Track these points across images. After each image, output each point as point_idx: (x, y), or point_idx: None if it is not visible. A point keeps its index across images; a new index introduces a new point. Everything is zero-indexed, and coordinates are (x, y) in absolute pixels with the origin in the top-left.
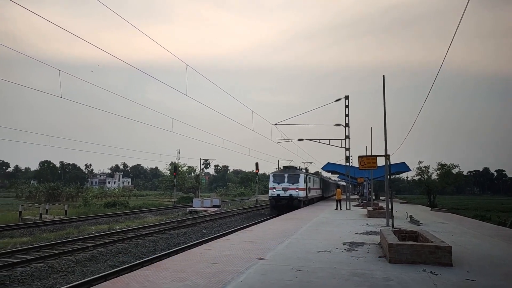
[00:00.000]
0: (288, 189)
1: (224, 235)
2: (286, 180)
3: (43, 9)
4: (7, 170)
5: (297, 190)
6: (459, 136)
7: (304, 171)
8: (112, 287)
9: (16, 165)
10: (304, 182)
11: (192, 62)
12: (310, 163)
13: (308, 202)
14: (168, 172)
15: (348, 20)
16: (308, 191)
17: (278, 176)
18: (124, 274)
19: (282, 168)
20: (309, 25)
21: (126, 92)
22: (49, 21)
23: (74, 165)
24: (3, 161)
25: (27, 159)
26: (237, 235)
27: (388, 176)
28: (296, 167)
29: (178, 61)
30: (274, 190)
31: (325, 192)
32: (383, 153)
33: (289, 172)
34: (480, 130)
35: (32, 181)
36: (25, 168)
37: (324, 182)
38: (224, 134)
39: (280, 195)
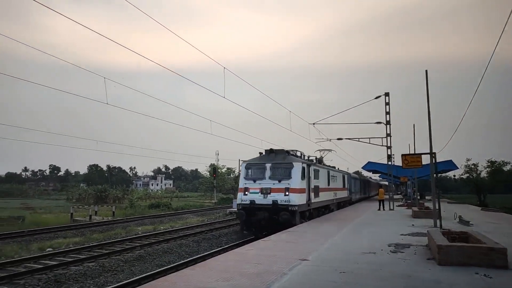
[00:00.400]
0: (270, 191)
1: (265, 235)
2: (268, 174)
3: (87, 17)
4: (58, 174)
5: (286, 193)
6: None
7: (308, 158)
8: (160, 286)
9: (67, 169)
10: (304, 178)
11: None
12: (330, 150)
13: (314, 212)
14: (208, 173)
15: (384, 15)
16: (314, 194)
17: (255, 167)
18: (170, 273)
19: (264, 153)
20: (344, 22)
21: (165, 96)
22: (93, 30)
23: (119, 168)
24: (55, 165)
25: (77, 163)
26: (278, 236)
27: (435, 175)
28: (290, 152)
29: (216, 64)
30: (245, 193)
31: (361, 192)
32: (428, 151)
33: (275, 160)
34: None
35: (81, 184)
36: (75, 172)
37: (361, 182)
38: (261, 135)
39: (256, 201)
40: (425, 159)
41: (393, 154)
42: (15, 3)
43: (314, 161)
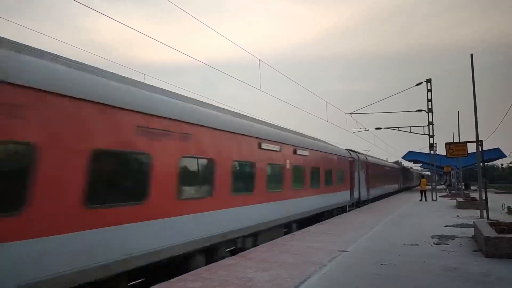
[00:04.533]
0: None
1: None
2: None
3: (125, 16)
4: None
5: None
6: None
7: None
8: (202, 274)
9: None
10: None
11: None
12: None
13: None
14: None
15: None
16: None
17: None
18: (212, 262)
19: None
20: (382, 7)
21: (202, 89)
22: (133, 29)
23: None
24: None
25: None
26: (316, 227)
27: (481, 164)
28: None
29: (251, 56)
30: None
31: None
32: (474, 139)
33: None
34: None
35: None
36: None
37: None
38: (297, 126)
39: None
40: (471, 148)
41: (436, 143)
42: (61, 7)
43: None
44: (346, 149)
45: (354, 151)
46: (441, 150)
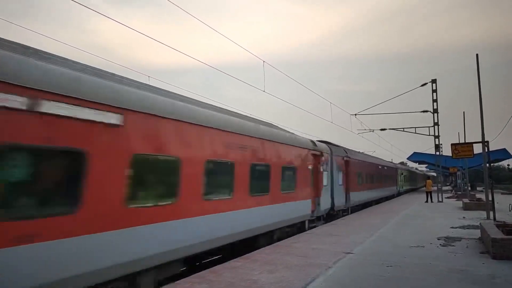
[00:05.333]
0: None
1: (309, 228)
2: None
3: (128, 18)
4: None
5: None
6: None
7: None
8: (207, 276)
9: None
10: None
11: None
12: None
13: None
14: None
15: None
16: None
17: None
18: (217, 264)
19: None
20: (383, 8)
21: (206, 91)
22: (136, 30)
23: None
24: None
25: None
26: (321, 229)
27: (487, 165)
28: None
29: (255, 58)
30: None
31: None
32: (480, 140)
33: None
34: None
35: None
36: None
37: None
38: (302, 127)
39: None
40: (477, 148)
41: (441, 144)
42: (66, 9)
43: None
44: (314, 141)
45: (327, 142)
46: (446, 151)
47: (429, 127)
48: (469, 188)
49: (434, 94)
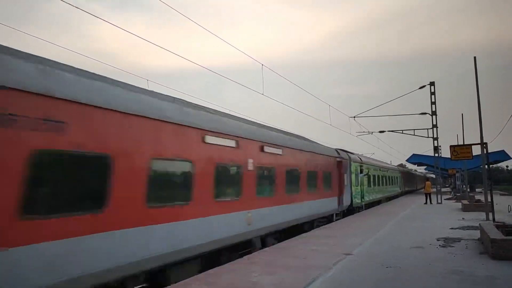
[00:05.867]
0: None
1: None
2: None
3: (127, 23)
4: None
5: None
6: None
7: None
8: (207, 278)
9: None
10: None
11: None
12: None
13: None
14: None
15: (426, 2)
16: None
17: None
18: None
19: None
20: (384, 10)
21: (205, 95)
22: (134, 34)
23: None
24: None
25: None
26: (320, 230)
27: (486, 166)
28: None
29: (253, 62)
30: None
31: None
32: (478, 142)
33: None
34: None
35: None
36: None
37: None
38: (301, 130)
39: None
40: (475, 150)
41: (440, 146)
42: (68, 15)
43: None
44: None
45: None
46: (445, 152)
47: (428, 129)
48: (468, 190)
49: (433, 96)
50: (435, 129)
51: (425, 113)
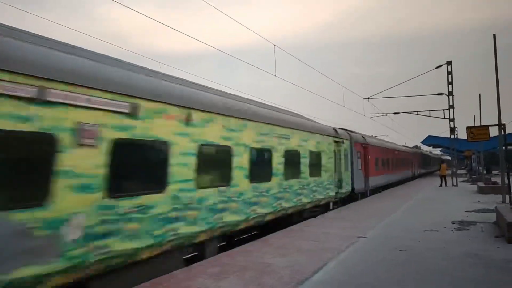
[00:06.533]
0: None
1: (320, 213)
2: None
3: (139, 4)
4: None
5: None
6: None
7: None
8: (222, 259)
9: None
10: None
11: (280, 40)
12: None
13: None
14: None
15: None
16: None
17: None
18: (230, 249)
19: None
20: None
21: (218, 77)
22: (147, 16)
23: None
24: None
25: None
26: (333, 213)
27: (504, 148)
28: None
29: (265, 42)
30: None
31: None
32: (496, 122)
33: None
34: None
35: None
36: None
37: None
38: (314, 112)
39: None
40: (493, 131)
41: (456, 127)
42: None
43: None
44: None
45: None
46: (462, 134)
47: (444, 110)
48: (485, 172)
49: (450, 76)
50: (451, 110)
51: (441, 94)
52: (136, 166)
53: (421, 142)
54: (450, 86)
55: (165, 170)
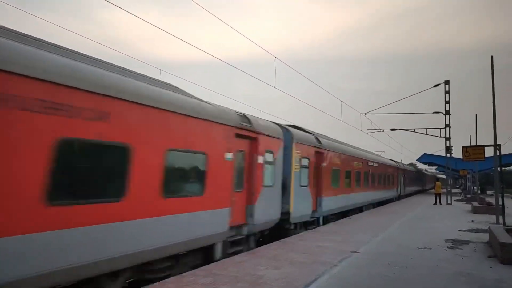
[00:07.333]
0: None
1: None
2: None
3: (141, 10)
4: None
5: None
6: None
7: None
8: (213, 270)
9: None
10: None
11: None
12: None
13: None
14: None
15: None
16: None
17: None
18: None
19: None
20: (397, 5)
21: (216, 86)
22: (148, 22)
23: None
24: None
25: None
26: (328, 227)
27: (499, 168)
28: None
29: (266, 54)
30: None
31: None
32: (491, 143)
33: None
34: None
35: None
36: None
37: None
38: (311, 125)
39: None
40: (488, 152)
41: (452, 146)
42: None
43: None
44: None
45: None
46: (457, 153)
47: (440, 128)
48: (479, 192)
49: (447, 95)
50: (448, 128)
51: (438, 112)
52: None
53: (417, 160)
54: (447, 105)
55: None
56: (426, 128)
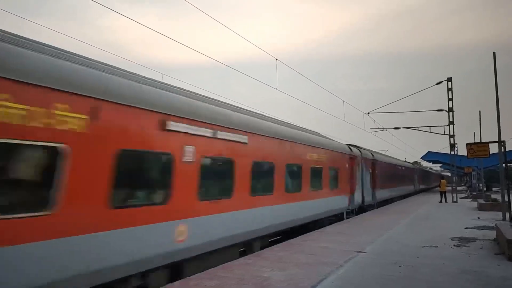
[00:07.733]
0: None
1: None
2: None
3: (140, 15)
4: None
5: None
6: None
7: None
8: (218, 272)
9: None
10: None
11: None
12: None
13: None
14: None
15: None
16: None
17: None
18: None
19: None
20: (399, 4)
21: (218, 88)
22: (148, 27)
23: None
24: None
25: None
26: (332, 227)
27: (504, 165)
28: None
29: (267, 56)
30: None
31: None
32: (496, 139)
33: None
34: None
35: None
36: None
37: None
38: (314, 125)
39: None
40: (493, 148)
41: (456, 143)
42: (80, 6)
43: None
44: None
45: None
46: (462, 150)
47: (444, 126)
48: (485, 189)
49: (450, 92)
50: (451, 126)
51: (441, 110)
52: None
53: (421, 158)
54: (450, 102)
55: None
56: (429, 126)
